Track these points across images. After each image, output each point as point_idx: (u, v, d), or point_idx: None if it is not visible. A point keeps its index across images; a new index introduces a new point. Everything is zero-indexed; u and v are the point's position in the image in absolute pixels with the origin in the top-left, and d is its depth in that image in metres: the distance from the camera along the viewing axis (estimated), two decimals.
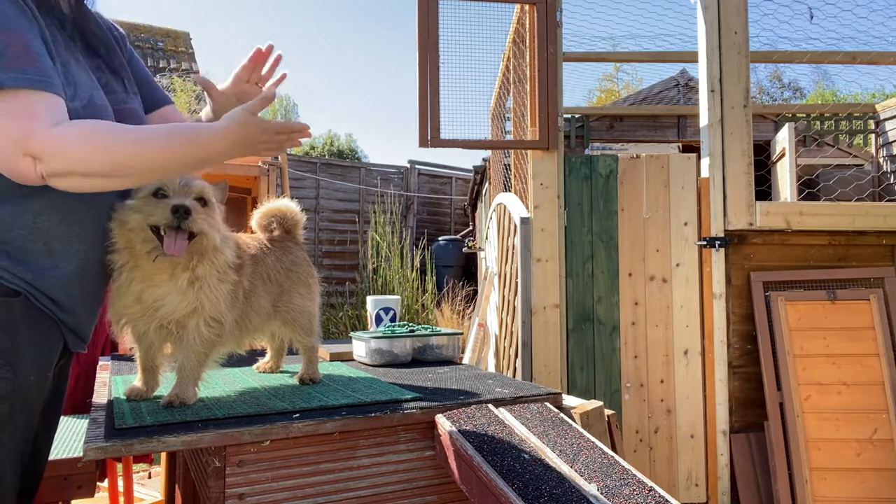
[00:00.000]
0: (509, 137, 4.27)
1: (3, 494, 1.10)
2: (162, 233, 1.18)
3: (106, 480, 2.58)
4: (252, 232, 1.63)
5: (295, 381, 1.57)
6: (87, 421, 1.26)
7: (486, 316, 4.05)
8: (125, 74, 1.32)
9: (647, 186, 3.24)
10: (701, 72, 3.14)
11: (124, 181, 1.08)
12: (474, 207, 9.83)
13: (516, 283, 3.22)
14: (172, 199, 1.18)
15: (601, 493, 1.04)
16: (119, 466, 2.65)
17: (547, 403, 1.42)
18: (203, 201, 1.24)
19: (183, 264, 1.23)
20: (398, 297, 2.35)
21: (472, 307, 6.80)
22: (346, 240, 10.23)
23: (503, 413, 1.34)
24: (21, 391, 1.09)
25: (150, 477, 3.66)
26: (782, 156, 4.97)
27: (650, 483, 1.07)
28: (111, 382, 1.57)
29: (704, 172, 3.10)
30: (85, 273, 1.21)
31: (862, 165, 5.71)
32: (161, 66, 11.94)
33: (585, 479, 1.08)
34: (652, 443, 3.16)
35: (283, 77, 1.44)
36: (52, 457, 1.88)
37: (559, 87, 3.22)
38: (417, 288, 7.46)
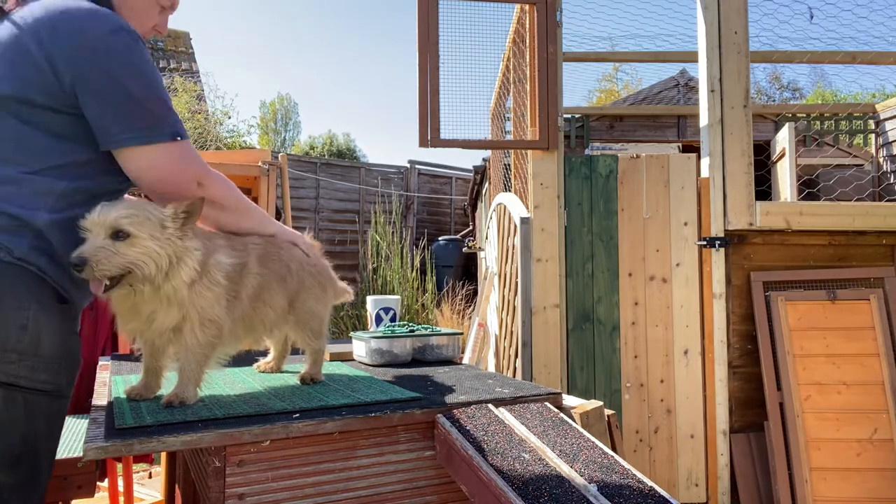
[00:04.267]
0: (509, 137, 4.27)
1: (43, 483, 1.23)
2: None
3: (106, 480, 2.58)
4: None
5: (296, 380, 1.58)
6: (87, 421, 1.26)
7: (486, 316, 4.05)
8: None
9: (647, 186, 3.24)
10: (701, 72, 3.14)
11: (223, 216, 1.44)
12: (474, 207, 9.84)
13: (516, 283, 3.22)
14: (78, 248, 1.16)
15: (601, 493, 1.04)
16: (119, 466, 2.65)
17: (547, 403, 1.42)
18: (120, 234, 1.19)
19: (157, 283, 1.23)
20: (398, 297, 2.34)
21: (472, 307, 6.80)
22: (346, 240, 10.24)
23: (503, 413, 1.34)
24: (71, 389, 1.26)
25: (150, 477, 3.66)
26: (782, 156, 4.97)
27: (650, 483, 1.07)
28: (111, 382, 1.57)
29: (704, 172, 3.10)
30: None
31: (862, 165, 5.71)
32: (161, 66, 11.94)
33: (585, 479, 1.08)
34: (652, 443, 3.16)
35: None
36: None
37: (559, 87, 3.22)
38: (417, 288, 7.46)
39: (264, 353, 1.77)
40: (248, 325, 1.42)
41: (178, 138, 1.29)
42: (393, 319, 2.24)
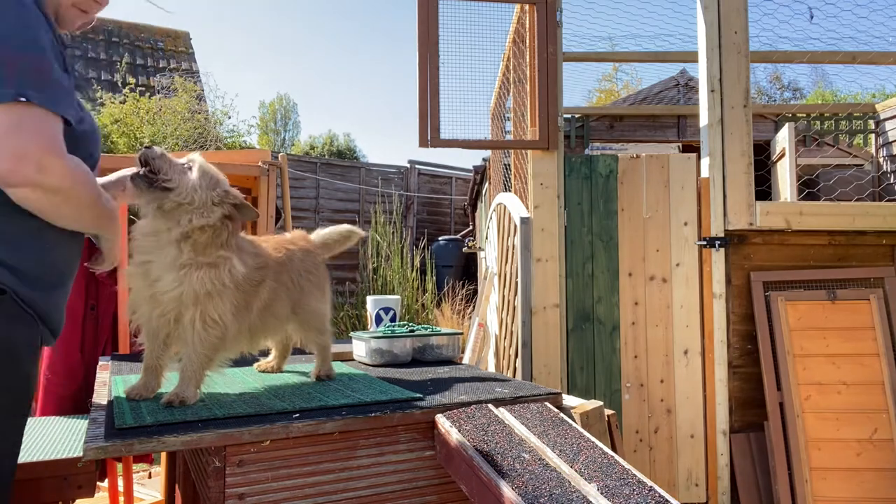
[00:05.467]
0: (509, 137, 4.27)
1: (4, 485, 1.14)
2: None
3: (106, 480, 2.58)
4: (255, 233, 1.67)
5: (312, 378, 1.59)
6: (87, 421, 1.26)
7: (486, 316, 4.04)
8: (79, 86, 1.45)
9: (647, 186, 3.24)
10: (701, 72, 3.14)
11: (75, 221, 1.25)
12: (474, 207, 9.83)
13: (516, 283, 3.22)
14: None
15: (601, 493, 1.04)
16: (119, 466, 2.65)
17: (547, 403, 1.42)
18: (188, 164, 1.36)
19: (169, 236, 1.30)
20: (398, 297, 2.35)
21: (472, 307, 6.80)
22: None
23: (503, 413, 1.34)
24: (20, 385, 1.17)
25: (150, 477, 3.66)
26: (782, 156, 4.96)
27: (650, 483, 1.07)
28: (111, 382, 1.57)
29: (704, 172, 3.10)
30: (53, 273, 1.28)
31: (862, 165, 5.71)
32: (161, 66, 11.94)
33: (585, 479, 1.08)
34: (652, 443, 3.16)
35: None
36: (52, 457, 1.88)
37: (559, 87, 3.22)
38: (417, 288, 7.46)
39: (265, 353, 1.77)
40: (253, 333, 1.45)
41: (23, 99, 1.04)
42: (393, 319, 2.24)
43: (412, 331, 1.99)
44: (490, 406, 1.36)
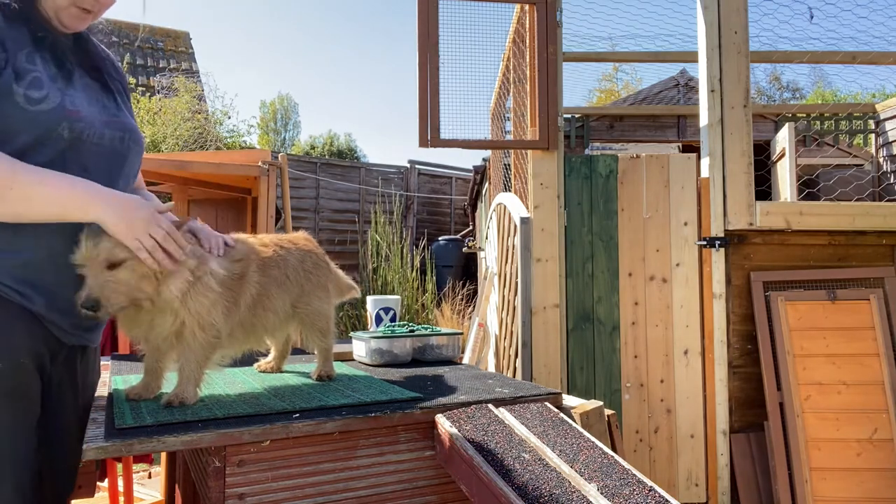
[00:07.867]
0: (509, 137, 4.27)
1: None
2: None
3: (106, 480, 2.58)
4: (255, 233, 1.66)
5: (313, 378, 1.59)
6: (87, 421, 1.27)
7: (486, 316, 4.05)
8: (116, 90, 1.40)
9: (647, 186, 3.24)
10: (701, 72, 3.14)
11: None
12: (474, 207, 9.83)
13: (516, 283, 3.22)
14: (82, 291, 1.16)
15: (601, 493, 1.04)
16: (119, 466, 2.65)
17: (547, 403, 1.42)
18: (113, 265, 1.19)
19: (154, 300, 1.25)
20: (398, 297, 2.35)
21: (472, 307, 6.80)
22: (346, 240, 10.24)
23: (503, 413, 1.34)
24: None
25: (150, 477, 3.66)
26: (782, 156, 4.97)
27: (650, 483, 1.07)
28: (111, 382, 1.57)
29: (704, 172, 3.10)
30: (52, 261, 1.22)
31: (862, 165, 5.71)
32: (161, 65, 11.94)
33: (585, 479, 1.08)
34: (652, 443, 3.16)
35: None
36: None
37: (559, 87, 3.22)
38: (417, 288, 7.47)
39: (265, 353, 1.77)
40: (249, 330, 1.44)
41: None
42: (393, 319, 2.24)
43: (412, 331, 1.99)
44: (490, 406, 1.36)
